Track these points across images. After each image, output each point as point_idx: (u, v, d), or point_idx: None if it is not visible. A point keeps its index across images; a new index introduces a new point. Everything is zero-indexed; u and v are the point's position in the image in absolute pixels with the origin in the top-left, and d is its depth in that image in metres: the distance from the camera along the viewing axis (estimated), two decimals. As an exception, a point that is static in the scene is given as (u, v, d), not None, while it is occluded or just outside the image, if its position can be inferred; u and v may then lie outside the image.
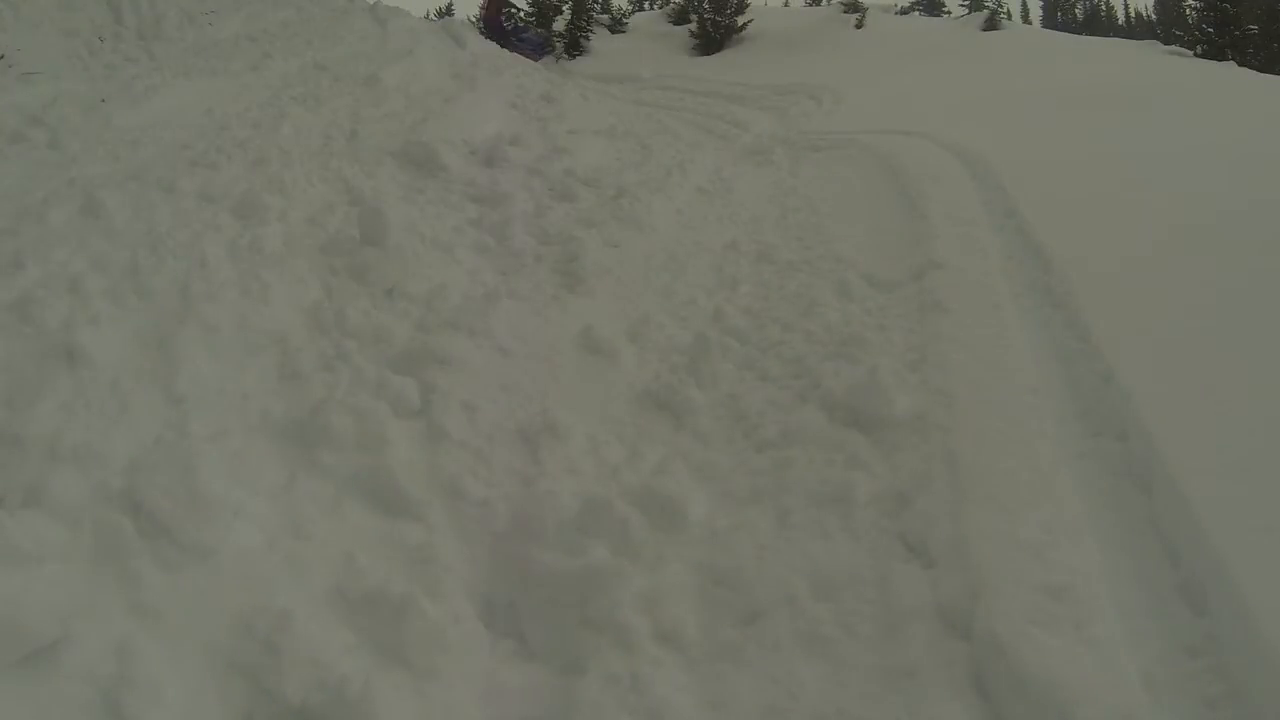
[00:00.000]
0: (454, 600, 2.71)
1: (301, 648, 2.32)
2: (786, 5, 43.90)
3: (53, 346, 3.42)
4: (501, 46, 12.87)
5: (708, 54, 26.16)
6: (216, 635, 2.36)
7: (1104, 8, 60.53)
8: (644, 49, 28.15)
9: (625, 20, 32.10)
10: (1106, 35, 34.32)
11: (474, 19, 14.39)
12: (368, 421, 3.36)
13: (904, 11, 38.85)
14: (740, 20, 27.20)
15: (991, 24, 24.89)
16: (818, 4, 34.10)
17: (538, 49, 14.02)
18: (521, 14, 14.40)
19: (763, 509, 3.25)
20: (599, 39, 29.31)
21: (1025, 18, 61.55)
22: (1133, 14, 59.92)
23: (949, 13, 43.00)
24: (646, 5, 40.40)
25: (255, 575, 2.58)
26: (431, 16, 31.58)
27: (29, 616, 2.07)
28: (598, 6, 31.76)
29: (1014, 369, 3.94)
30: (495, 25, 15.16)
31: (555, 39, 14.23)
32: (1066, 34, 32.05)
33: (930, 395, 3.79)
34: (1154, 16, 53.20)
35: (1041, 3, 60.70)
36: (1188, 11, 28.17)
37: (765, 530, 3.13)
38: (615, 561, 2.83)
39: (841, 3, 27.66)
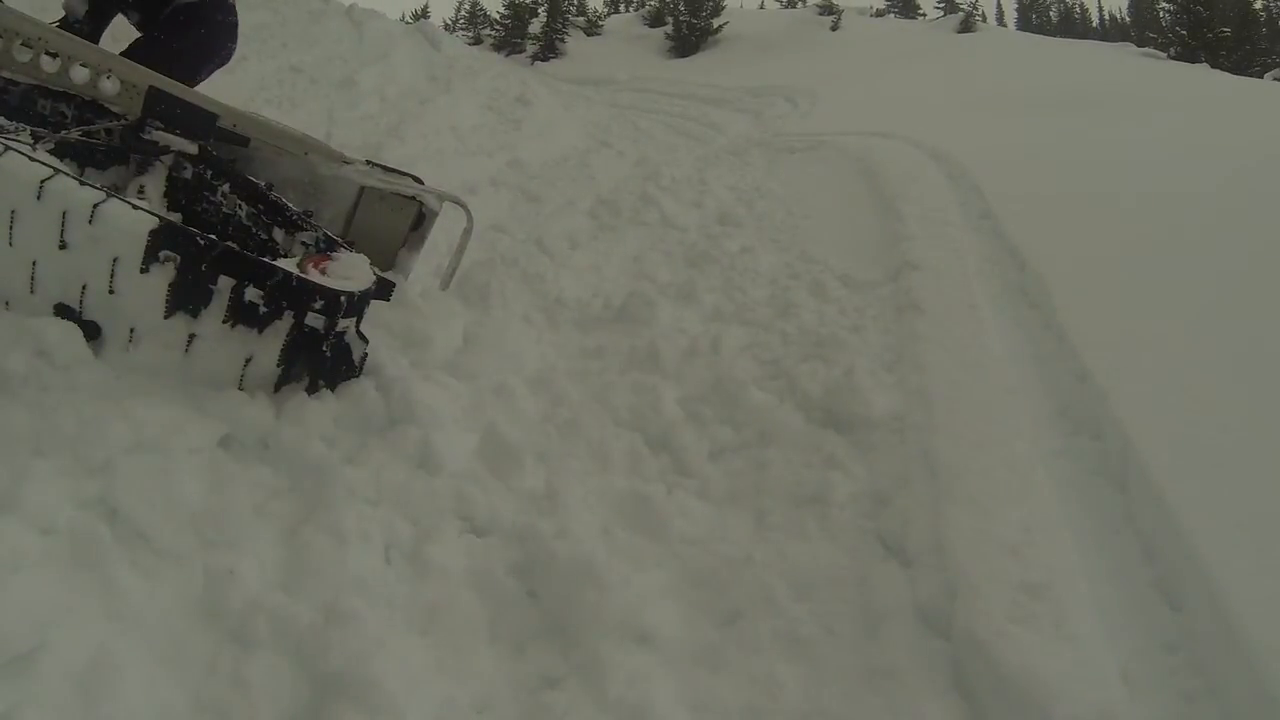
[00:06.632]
0: (453, 598, 2.69)
1: (283, 653, 2.30)
2: (762, 7, 44.00)
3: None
4: None
5: (683, 56, 26.28)
6: (195, 642, 2.34)
7: (1078, 10, 60.99)
8: (620, 51, 28.19)
9: (601, 22, 32.16)
10: (1081, 38, 34.56)
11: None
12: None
13: (879, 14, 39.09)
14: (716, 22, 27.33)
15: (966, 26, 25.10)
16: (793, 6, 34.23)
17: None
18: None
19: (740, 510, 3.26)
20: (574, 41, 29.37)
21: (1000, 20, 61.98)
22: (1107, 17, 60.41)
23: (924, 15, 43.27)
24: (622, 7, 40.40)
25: (235, 580, 2.55)
26: (407, 19, 31.51)
27: (5, 625, 2.05)
28: (573, 8, 31.79)
29: (990, 369, 3.97)
30: None
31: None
32: (1041, 36, 32.31)
33: (907, 395, 3.81)
34: (1128, 19, 53.67)
35: (1016, 5, 61.17)
36: (1161, 14, 28.42)
37: (743, 531, 3.13)
38: (595, 564, 2.82)
39: (817, 5, 27.79)
